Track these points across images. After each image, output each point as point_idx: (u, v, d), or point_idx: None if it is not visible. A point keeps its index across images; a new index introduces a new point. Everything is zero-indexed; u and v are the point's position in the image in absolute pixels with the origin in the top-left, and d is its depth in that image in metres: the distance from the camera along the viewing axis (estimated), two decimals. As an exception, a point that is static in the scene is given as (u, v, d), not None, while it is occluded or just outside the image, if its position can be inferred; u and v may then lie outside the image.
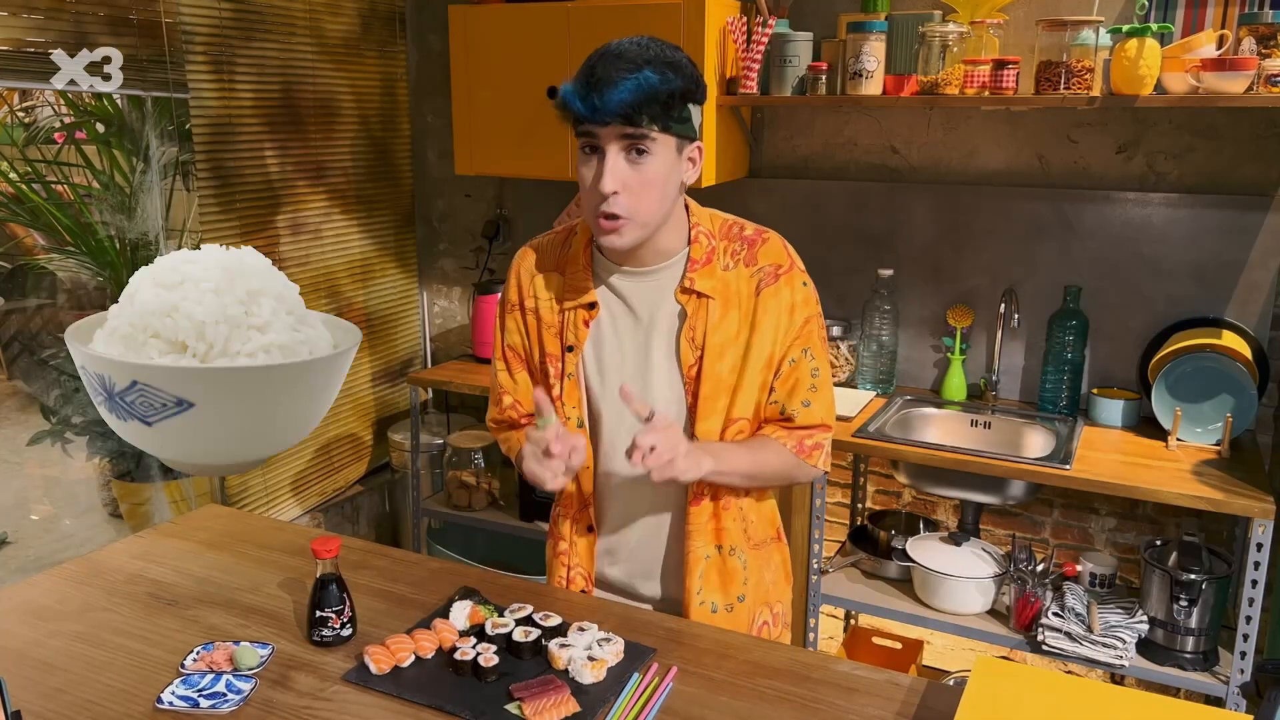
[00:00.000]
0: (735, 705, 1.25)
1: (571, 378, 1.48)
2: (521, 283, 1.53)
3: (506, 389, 1.56)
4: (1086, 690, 1.24)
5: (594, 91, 1.28)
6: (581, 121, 1.31)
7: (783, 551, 1.63)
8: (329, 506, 3.34)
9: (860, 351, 2.84)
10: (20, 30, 2.43)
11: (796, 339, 1.47)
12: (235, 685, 1.28)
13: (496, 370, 1.59)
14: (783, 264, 1.46)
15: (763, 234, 1.49)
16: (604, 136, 1.31)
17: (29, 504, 3.50)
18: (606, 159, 1.32)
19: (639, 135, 1.31)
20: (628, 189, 1.33)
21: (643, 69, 1.28)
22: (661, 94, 1.29)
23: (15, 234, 3.77)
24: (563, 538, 1.57)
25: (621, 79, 1.27)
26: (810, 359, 1.49)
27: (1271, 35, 2.16)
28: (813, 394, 1.49)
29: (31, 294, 3.72)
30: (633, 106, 1.28)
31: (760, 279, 1.45)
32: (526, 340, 1.53)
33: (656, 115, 1.30)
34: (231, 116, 2.84)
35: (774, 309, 1.44)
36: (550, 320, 1.50)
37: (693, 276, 1.44)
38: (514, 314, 1.54)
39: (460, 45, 2.95)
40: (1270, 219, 2.45)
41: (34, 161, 3.19)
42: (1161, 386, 2.40)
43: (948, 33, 2.44)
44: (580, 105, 1.29)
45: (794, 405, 1.48)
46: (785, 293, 1.45)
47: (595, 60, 1.31)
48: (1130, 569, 2.69)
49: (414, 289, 3.67)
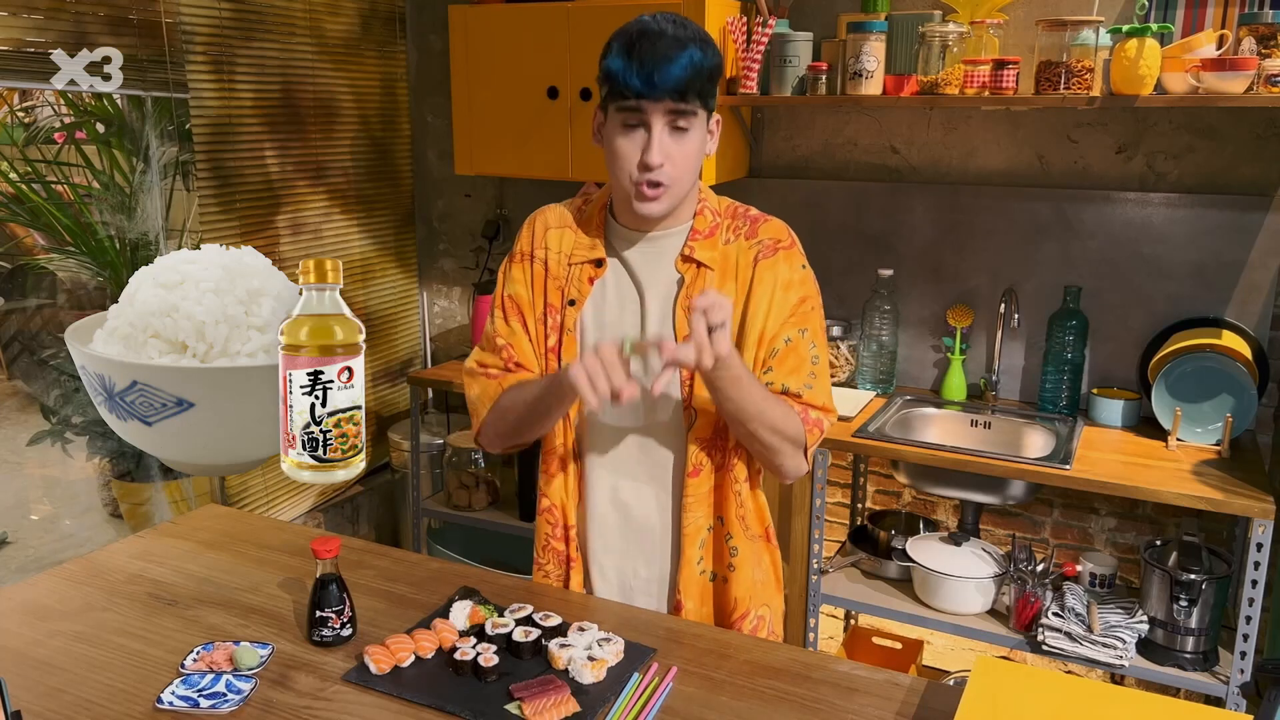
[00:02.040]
0: (735, 705, 1.25)
1: (570, 333, 1.50)
2: (535, 233, 1.55)
3: (500, 334, 1.54)
4: (1086, 690, 1.24)
5: (649, 69, 1.32)
6: (630, 97, 1.34)
7: (773, 554, 1.61)
8: (329, 506, 3.34)
9: (860, 351, 2.84)
10: (20, 30, 2.43)
11: (791, 317, 1.47)
12: (235, 685, 1.28)
13: (493, 318, 1.57)
14: (783, 240, 1.48)
15: (766, 216, 1.51)
16: (652, 111, 1.35)
17: (29, 504, 3.50)
18: (654, 132, 1.36)
19: (686, 111, 1.35)
20: (670, 160, 1.37)
21: (688, 46, 1.33)
22: (705, 70, 1.35)
23: (15, 234, 3.77)
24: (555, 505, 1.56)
25: (675, 56, 1.32)
26: (810, 344, 1.48)
27: (1271, 35, 2.16)
28: (814, 379, 1.48)
29: (31, 294, 3.72)
30: (686, 84, 1.33)
31: (759, 251, 1.46)
32: (530, 290, 1.53)
33: (702, 92, 1.36)
34: (231, 116, 2.84)
35: (768, 281, 1.45)
36: (557, 273, 1.52)
37: (693, 245, 1.46)
38: (523, 263, 1.54)
39: (460, 45, 2.95)
40: (1270, 219, 2.45)
41: (34, 161, 3.19)
42: (1161, 386, 2.40)
43: (948, 33, 2.44)
44: (637, 82, 1.32)
45: (796, 384, 1.46)
46: (783, 268, 1.46)
47: (636, 37, 1.33)
48: (1130, 569, 2.69)
49: (414, 289, 3.67)
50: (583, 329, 1.51)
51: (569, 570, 1.57)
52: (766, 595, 1.60)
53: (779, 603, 1.64)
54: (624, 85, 1.34)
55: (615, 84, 1.35)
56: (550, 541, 1.58)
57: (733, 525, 1.52)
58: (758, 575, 1.57)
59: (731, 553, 1.52)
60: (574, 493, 1.55)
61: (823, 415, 1.49)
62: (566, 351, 1.50)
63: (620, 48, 1.35)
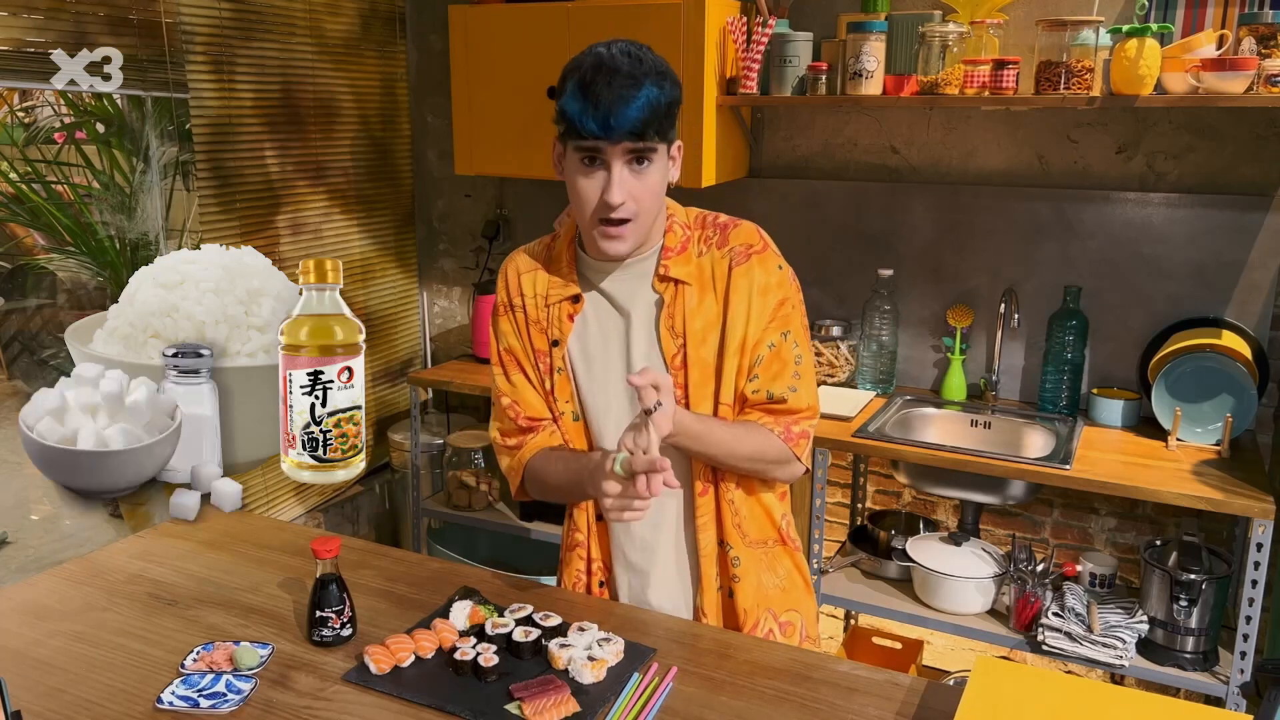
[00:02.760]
0: (735, 705, 1.25)
1: (561, 372, 1.51)
2: (509, 283, 1.55)
3: (504, 391, 1.56)
4: (1086, 690, 1.24)
5: (604, 112, 1.30)
6: (588, 138, 1.33)
7: (793, 557, 1.59)
8: (329, 506, 3.34)
9: (860, 351, 2.84)
10: (20, 30, 2.43)
11: (771, 322, 1.46)
12: (235, 685, 1.28)
13: (494, 376, 1.59)
14: (755, 244, 1.46)
15: (736, 221, 1.50)
16: (610, 152, 1.34)
17: (29, 504, 3.49)
18: (613, 172, 1.34)
19: (645, 149, 1.34)
20: (631, 197, 1.36)
21: (643, 84, 1.31)
22: (663, 107, 1.33)
23: (15, 234, 3.77)
24: (578, 529, 1.57)
25: (631, 97, 1.30)
26: (792, 345, 1.47)
27: (1271, 35, 2.16)
28: (798, 380, 1.48)
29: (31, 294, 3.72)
30: (643, 124, 1.31)
31: (732, 257, 1.45)
32: (520, 340, 1.54)
33: (661, 128, 1.34)
34: (231, 116, 2.84)
35: (744, 288, 1.44)
36: (536, 317, 1.52)
37: (667, 264, 1.46)
38: (506, 315, 1.55)
39: (460, 45, 2.95)
40: (1270, 219, 2.45)
41: (34, 161, 3.19)
42: (1161, 386, 2.40)
43: (948, 33, 2.44)
44: (594, 125, 1.31)
45: (781, 389, 1.46)
46: (758, 273, 1.45)
47: (590, 75, 1.31)
48: (1130, 569, 2.69)
49: (414, 289, 3.67)
50: (572, 365, 1.52)
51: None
52: (786, 600, 1.57)
53: (810, 604, 1.62)
54: (580, 128, 1.32)
55: (571, 125, 1.34)
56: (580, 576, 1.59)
57: (730, 537, 1.52)
58: (769, 581, 1.55)
59: (734, 564, 1.52)
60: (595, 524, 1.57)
61: (807, 424, 1.50)
62: (560, 391, 1.51)
63: (575, 87, 1.33)
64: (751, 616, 1.53)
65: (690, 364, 1.45)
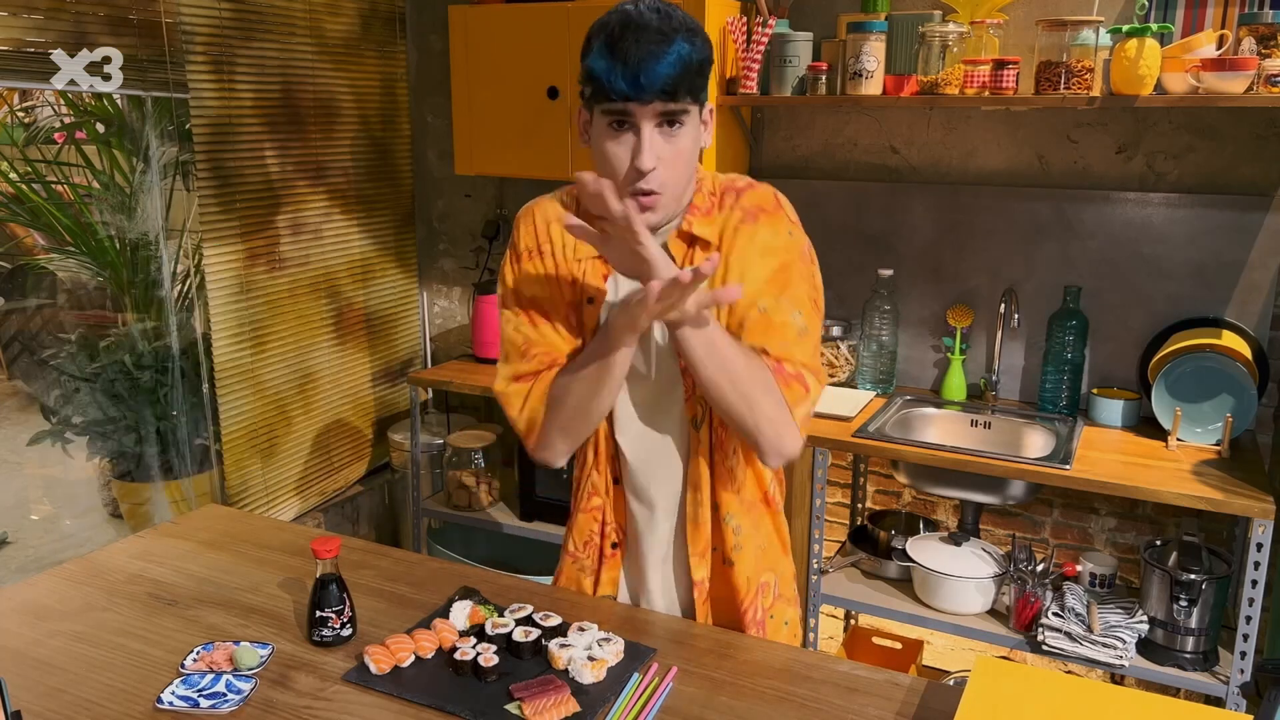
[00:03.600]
0: (735, 705, 1.25)
1: (591, 331, 1.42)
2: (538, 227, 1.46)
3: (533, 341, 1.42)
4: (1086, 690, 1.24)
5: (635, 69, 1.22)
6: (617, 99, 1.25)
7: (775, 520, 1.54)
8: (329, 506, 3.34)
9: (860, 351, 2.84)
10: (20, 30, 2.43)
11: (767, 284, 1.35)
12: (235, 685, 1.28)
13: (518, 325, 1.44)
14: (766, 205, 1.39)
15: (754, 183, 1.43)
16: (640, 114, 1.26)
17: (29, 504, 3.50)
18: (643, 135, 1.27)
19: (677, 111, 1.27)
20: (663, 162, 1.29)
21: (674, 39, 1.24)
22: (695, 65, 1.26)
23: (15, 234, 3.77)
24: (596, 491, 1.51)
25: (661, 53, 1.23)
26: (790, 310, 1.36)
27: (1271, 35, 2.16)
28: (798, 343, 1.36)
29: (31, 294, 3.73)
30: (675, 81, 1.24)
31: (742, 216, 1.38)
32: (547, 287, 1.44)
33: (693, 87, 1.27)
34: (231, 116, 2.84)
35: (742, 246, 1.36)
36: (565, 270, 1.43)
37: (691, 219, 1.38)
38: (533, 260, 1.44)
39: (460, 45, 2.95)
40: (1270, 219, 2.45)
41: (34, 161, 3.19)
42: (1161, 386, 2.40)
43: (948, 33, 2.44)
44: (623, 84, 1.23)
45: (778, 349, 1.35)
46: (763, 233, 1.37)
47: (618, 33, 1.25)
48: (1130, 569, 2.69)
49: (414, 289, 3.67)
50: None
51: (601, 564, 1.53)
52: (770, 560, 1.53)
53: (786, 566, 1.57)
54: (609, 88, 1.25)
55: (599, 86, 1.26)
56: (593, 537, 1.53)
57: (728, 504, 1.46)
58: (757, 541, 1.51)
59: (735, 532, 1.47)
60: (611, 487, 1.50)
61: (804, 371, 1.35)
62: None
63: (602, 45, 1.26)
64: (753, 584, 1.50)
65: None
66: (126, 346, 3.06)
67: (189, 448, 3.05)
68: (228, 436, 2.93)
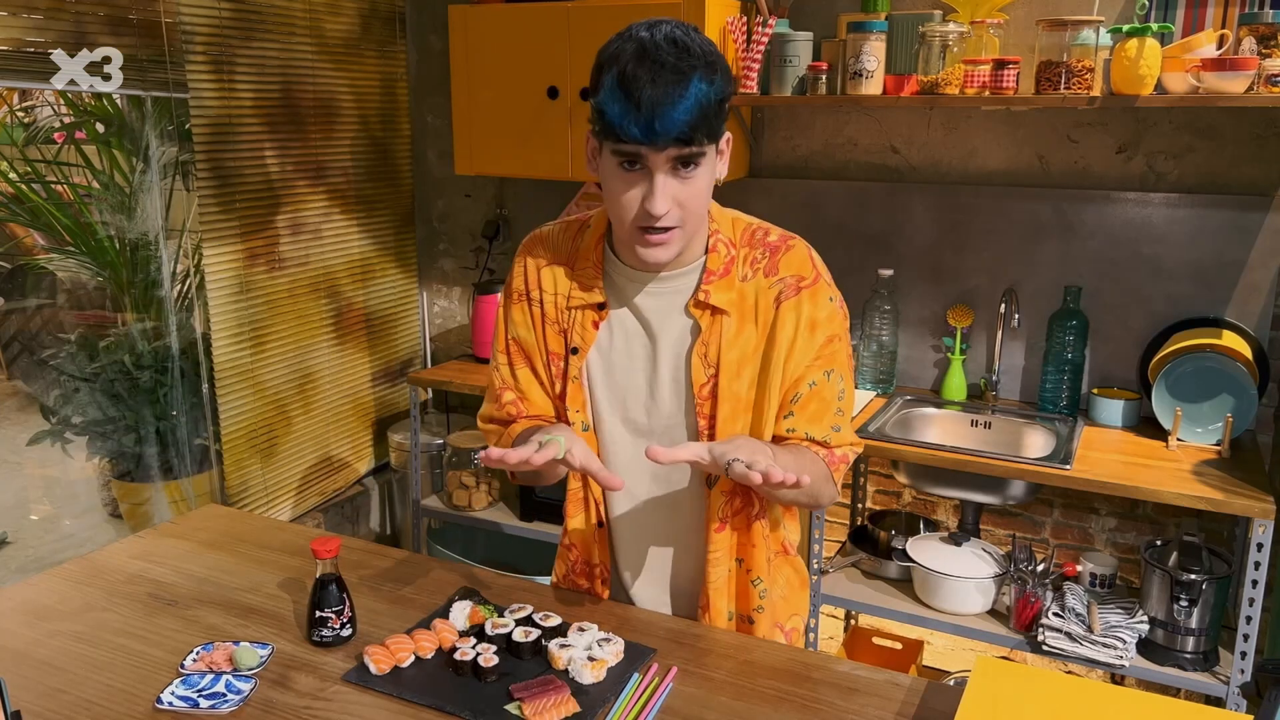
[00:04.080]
0: (735, 705, 1.25)
1: (576, 380, 1.42)
2: (529, 273, 1.43)
3: (507, 385, 1.47)
4: (1086, 690, 1.24)
5: (649, 115, 1.16)
6: (629, 143, 1.19)
7: (793, 564, 1.55)
8: (329, 506, 3.34)
9: (860, 351, 2.84)
10: (20, 30, 2.43)
11: (817, 359, 1.36)
12: (235, 685, 1.28)
13: (497, 365, 1.48)
14: (806, 276, 1.36)
15: (788, 240, 1.39)
16: (654, 160, 1.20)
17: (29, 504, 3.50)
18: (656, 180, 1.21)
19: (693, 154, 1.21)
20: (676, 204, 1.24)
21: (691, 79, 1.17)
22: (713, 107, 1.20)
23: (15, 234, 3.77)
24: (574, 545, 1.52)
25: (678, 97, 1.16)
26: (836, 382, 1.38)
27: (1271, 35, 2.16)
28: (839, 418, 1.39)
29: (31, 294, 3.73)
30: (691, 128, 1.18)
31: (781, 289, 1.35)
32: (532, 334, 1.44)
33: (711, 129, 1.21)
34: (231, 116, 2.84)
35: (791, 323, 1.34)
36: (555, 317, 1.41)
37: (708, 289, 1.34)
38: (521, 305, 1.44)
39: (460, 45, 2.95)
40: (1270, 219, 2.45)
41: (34, 161, 3.19)
42: (1161, 386, 2.40)
43: (948, 33, 2.44)
44: (636, 131, 1.17)
45: (822, 430, 1.37)
46: (807, 307, 1.35)
47: (631, 71, 1.17)
48: (1130, 569, 2.69)
49: (414, 289, 3.66)
50: (589, 376, 1.42)
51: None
52: (794, 605, 1.54)
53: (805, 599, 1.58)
54: (621, 133, 1.18)
55: (610, 128, 1.20)
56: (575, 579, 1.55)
57: (758, 567, 1.45)
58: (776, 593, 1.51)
59: (761, 595, 1.46)
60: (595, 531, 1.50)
61: (849, 450, 1.42)
62: (572, 400, 1.42)
63: (614, 84, 1.18)
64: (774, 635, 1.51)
65: (721, 397, 1.35)
66: (126, 346, 3.05)
67: (189, 448, 3.05)
68: (227, 436, 2.93)
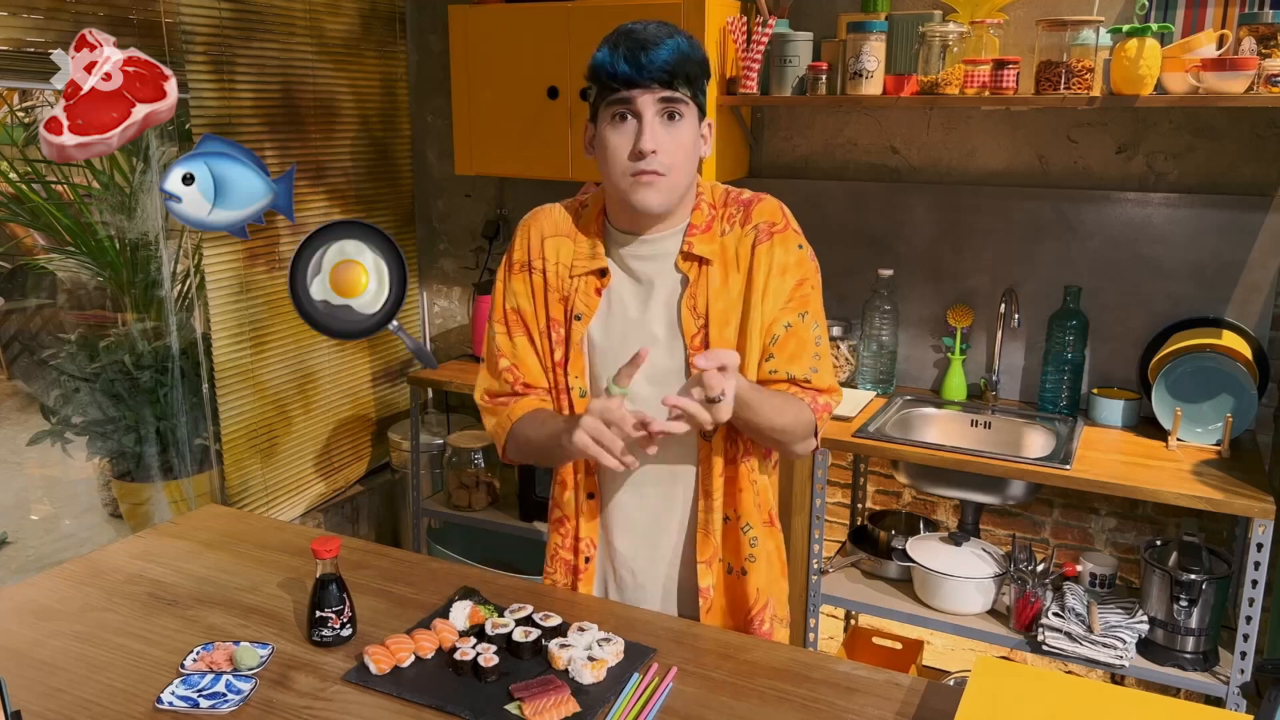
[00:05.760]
0: (735, 705, 1.25)
1: (577, 347, 1.48)
2: (531, 242, 1.51)
3: (504, 352, 1.51)
4: (1086, 690, 1.24)
5: (635, 54, 1.32)
6: (618, 88, 1.34)
7: (775, 539, 1.59)
8: (329, 506, 3.34)
9: (860, 351, 2.84)
10: (20, 30, 2.43)
11: (789, 302, 1.45)
12: (235, 685, 1.28)
13: (495, 334, 1.53)
14: (777, 223, 1.46)
15: (760, 196, 1.49)
16: (641, 102, 1.34)
17: (29, 504, 3.50)
18: (645, 120, 1.34)
19: (675, 99, 1.35)
20: (664, 148, 1.36)
21: (674, 36, 1.34)
22: (694, 59, 1.35)
23: (15, 234, 3.77)
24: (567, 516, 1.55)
25: (661, 41, 1.33)
26: (811, 326, 1.47)
27: (1271, 35, 2.16)
28: (818, 361, 1.47)
29: (31, 294, 3.72)
30: (675, 65, 1.33)
31: (756, 235, 1.45)
32: (532, 303, 1.50)
33: (692, 79, 1.36)
34: (231, 116, 2.84)
35: (764, 266, 1.44)
36: (557, 285, 1.48)
37: (691, 240, 1.44)
38: (522, 274, 1.51)
39: (460, 45, 2.95)
40: (1270, 219, 2.45)
41: (34, 161, 3.19)
42: (1161, 386, 2.40)
43: (948, 33, 2.44)
44: (625, 67, 1.32)
45: (801, 370, 1.45)
46: (778, 252, 1.45)
47: (622, 34, 1.35)
48: (1130, 569, 2.69)
49: (414, 289, 3.67)
50: (590, 343, 1.48)
51: (576, 580, 1.56)
52: (773, 576, 1.59)
53: (783, 585, 1.62)
54: (611, 73, 1.33)
55: (602, 75, 1.35)
56: (559, 551, 1.57)
57: (750, 515, 1.51)
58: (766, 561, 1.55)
59: (751, 543, 1.52)
60: (585, 503, 1.54)
61: (829, 398, 1.48)
62: (574, 366, 1.48)
63: (605, 43, 1.36)
64: (764, 595, 1.53)
65: (711, 345, 1.43)
66: (126, 346, 3.06)
67: (189, 448, 3.05)
68: (227, 436, 2.93)
